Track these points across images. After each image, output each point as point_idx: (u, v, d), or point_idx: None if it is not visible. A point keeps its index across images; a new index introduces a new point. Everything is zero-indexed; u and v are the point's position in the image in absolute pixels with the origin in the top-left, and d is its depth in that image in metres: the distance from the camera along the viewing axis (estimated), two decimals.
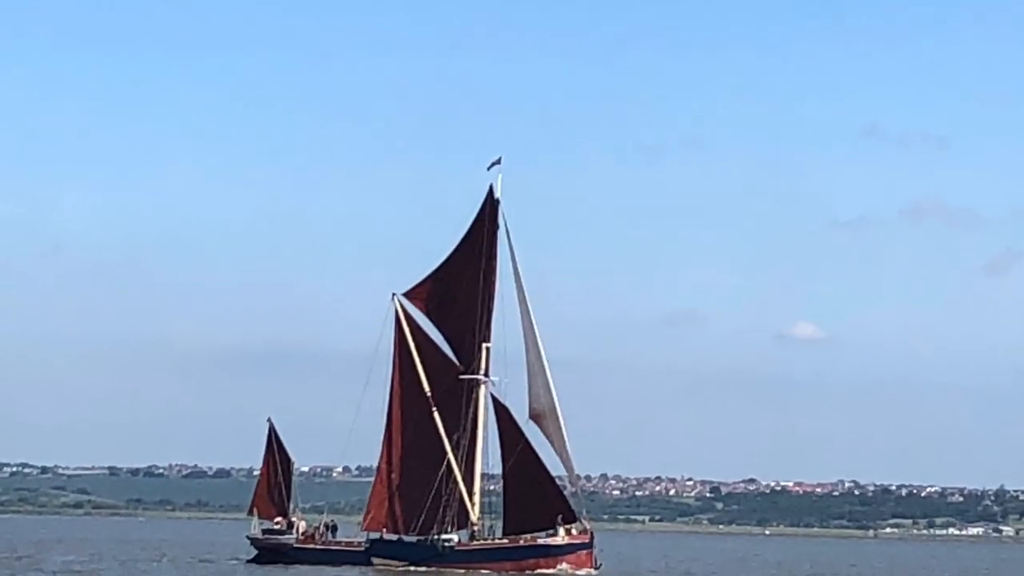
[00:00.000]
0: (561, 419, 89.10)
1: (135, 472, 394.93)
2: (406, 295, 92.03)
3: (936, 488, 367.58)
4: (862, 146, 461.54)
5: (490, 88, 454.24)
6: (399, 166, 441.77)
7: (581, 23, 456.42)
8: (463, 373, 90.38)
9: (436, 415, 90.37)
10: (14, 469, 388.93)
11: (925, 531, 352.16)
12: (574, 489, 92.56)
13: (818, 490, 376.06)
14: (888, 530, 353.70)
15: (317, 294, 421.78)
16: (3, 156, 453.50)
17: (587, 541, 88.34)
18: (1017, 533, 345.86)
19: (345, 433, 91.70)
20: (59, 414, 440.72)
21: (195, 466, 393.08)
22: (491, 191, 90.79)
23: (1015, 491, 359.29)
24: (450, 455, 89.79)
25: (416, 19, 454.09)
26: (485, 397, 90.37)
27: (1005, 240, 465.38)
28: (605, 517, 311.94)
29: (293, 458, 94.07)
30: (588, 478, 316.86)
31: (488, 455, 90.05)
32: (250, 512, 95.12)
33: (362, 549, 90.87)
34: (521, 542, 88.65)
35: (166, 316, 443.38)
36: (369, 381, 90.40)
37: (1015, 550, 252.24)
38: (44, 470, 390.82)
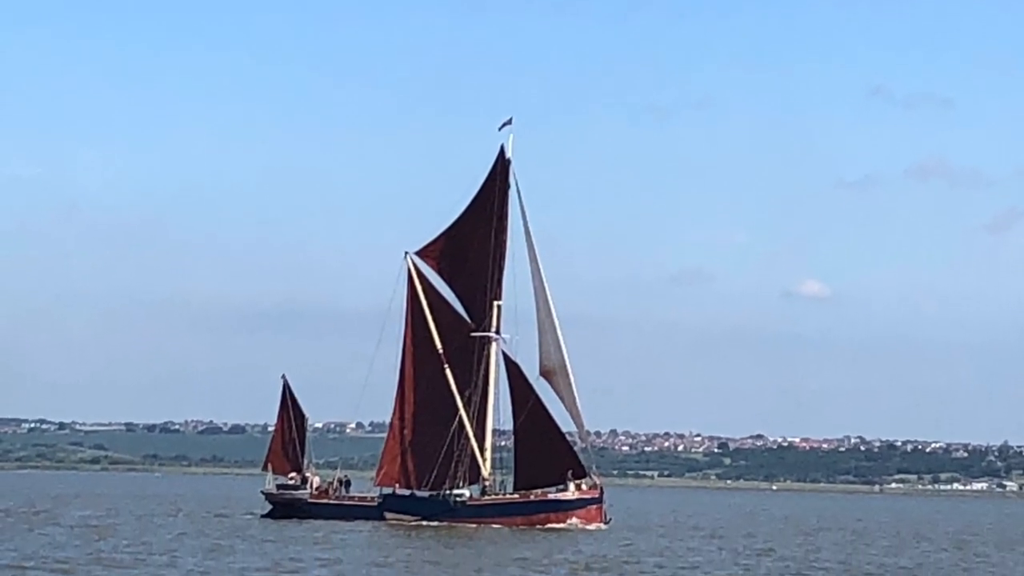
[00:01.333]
0: (571, 376, 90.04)
1: (151, 428, 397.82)
2: (418, 253, 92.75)
3: (941, 444, 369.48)
4: (868, 107, 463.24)
5: (502, 49, 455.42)
6: (412, 126, 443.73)
7: None
8: (475, 330, 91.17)
9: (448, 372, 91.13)
10: (32, 425, 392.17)
11: (930, 486, 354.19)
12: (584, 445, 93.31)
13: (824, 446, 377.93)
14: (893, 485, 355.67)
15: (331, 252, 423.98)
16: (21, 117, 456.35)
17: (597, 496, 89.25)
18: (1020, 488, 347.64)
19: (358, 389, 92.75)
20: (76, 371, 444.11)
21: (210, 422, 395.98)
22: (502, 151, 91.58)
23: (1019, 447, 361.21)
24: (462, 411, 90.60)
25: None
26: (496, 354, 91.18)
27: (1009, 199, 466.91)
28: (615, 472, 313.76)
29: (307, 414, 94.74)
30: (598, 434, 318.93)
31: (499, 411, 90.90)
32: (265, 468, 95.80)
33: (375, 504, 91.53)
34: (532, 497, 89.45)
35: (182, 274, 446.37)
36: (382, 338, 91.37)
37: (1018, 505, 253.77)
38: (62, 426, 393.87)
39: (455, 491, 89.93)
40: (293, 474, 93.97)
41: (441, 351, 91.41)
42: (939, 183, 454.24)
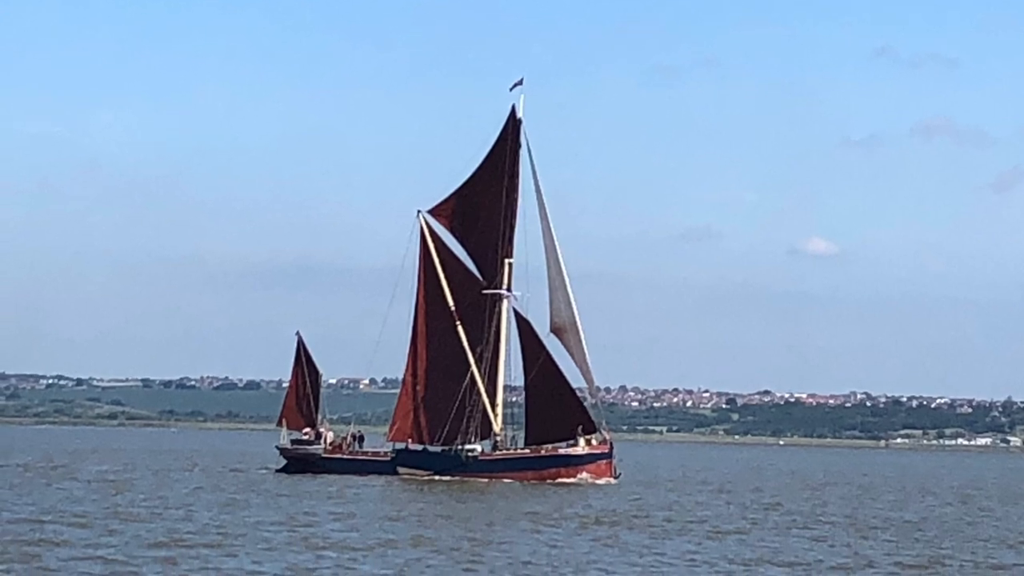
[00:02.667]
0: (581, 332, 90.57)
1: (168, 384, 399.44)
2: (431, 212, 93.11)
3: (945, 400, 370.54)
4: (874, 67, 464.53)
5: (513, 11, 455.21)
6: (425, 87, 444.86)
7: None
8: (486, 288, 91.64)
9: (460, 329, 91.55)
10: (50, 381, 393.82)
11: (935, 441, 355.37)
12: (594, 400, 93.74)
13: (831, 401, 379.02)
14: (899, 440, 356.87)
15: (345, 211, 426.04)
16: (42, 76, 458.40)
17: (607, 451, 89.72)
18: None
19: (372, 346, 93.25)
20: (94, 327, 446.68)
21: (226, 378, 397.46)
22: (513, 111, 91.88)
23: (1022, 402, 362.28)
24: (473, 368, 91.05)
25: None
26: (508, 311, 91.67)
27: (1013, 158, 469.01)
28: (624, 428, 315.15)
29: (321, 370, 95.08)
30: (608, 390, 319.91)
31: (510, 368, 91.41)
32: (279, 423, 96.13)
33: (388, 459, 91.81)
34: (542, 452, 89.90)
35: (198, 232, 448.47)
36: (395, 296, 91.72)
37: (1022, 459, 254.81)
38: (79, 382, 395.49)
39: (467, 446, 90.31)
40: (307, 429, 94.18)
41: (453, 308, 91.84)
42: (944, 142, 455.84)
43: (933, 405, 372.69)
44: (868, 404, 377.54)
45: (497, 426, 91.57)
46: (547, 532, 53.03)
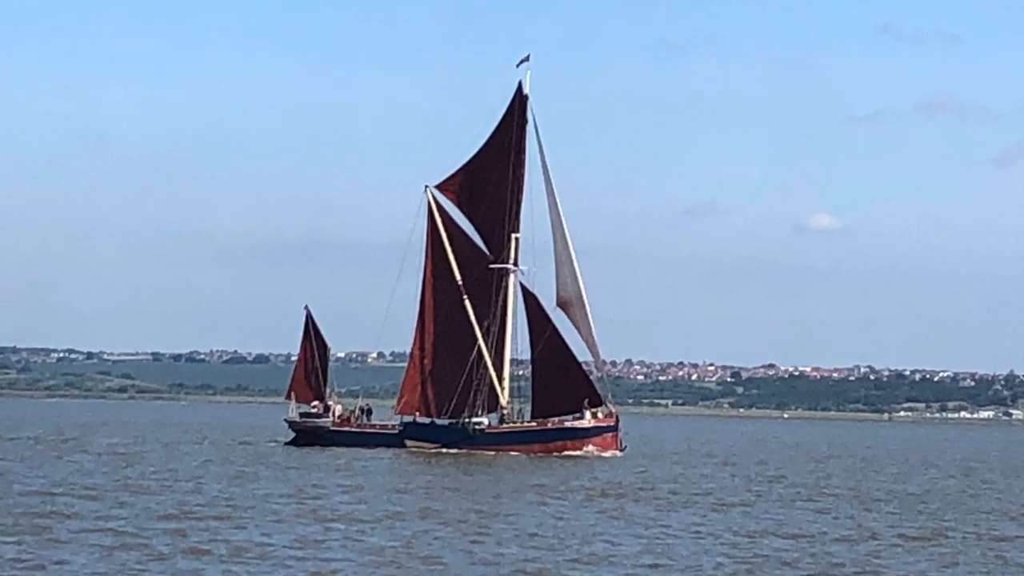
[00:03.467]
0: (587, 307, 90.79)
1: (177, 358, 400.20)
2: (438, 187, 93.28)
3: (948, 373, 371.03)
4: (877, 44, 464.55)
5: None
6: (432, 63, 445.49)
7: None
8: (493, 262, 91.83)
9: (467, 303, 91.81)
10: (61, 355, 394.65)
11: (937, 415, 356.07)
12: (600, 374, 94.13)
13: (835, 375, 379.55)
14: (902, 413, 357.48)
15: (353, 186, 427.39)
16: (51, 53, 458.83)
17: (612, 424, 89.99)
18: None
19: (379, 320, 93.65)
20: (104, 302, 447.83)
21: (235, 352, 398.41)
22: (520, 87, 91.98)
23: None
24: (480, 342, 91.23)
25: None
26: (514, 286, 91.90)
27: (1015, 133, 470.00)
28: (630, 401, 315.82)
29: (330, 344, 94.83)
30: (613, 363, 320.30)
31: (517, 341, 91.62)
32: (288, 396, 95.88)
33: (396, 432, 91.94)
34: (549, 425, 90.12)
35: (208, 207, 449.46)
36: (403, 270, 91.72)
37: None
38: (90, 356, 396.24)
39: (474, 419, 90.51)
40: (316, 403, 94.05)
41: (460, 282, 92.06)
42: (947, 118, 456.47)
43: (936, 378, 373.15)
44: (872, 377, 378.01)
45: (504, 399, 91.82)
46: (553, 504, 53.32)
